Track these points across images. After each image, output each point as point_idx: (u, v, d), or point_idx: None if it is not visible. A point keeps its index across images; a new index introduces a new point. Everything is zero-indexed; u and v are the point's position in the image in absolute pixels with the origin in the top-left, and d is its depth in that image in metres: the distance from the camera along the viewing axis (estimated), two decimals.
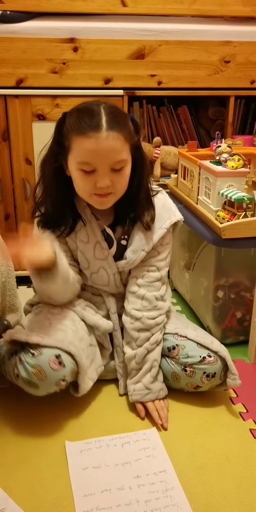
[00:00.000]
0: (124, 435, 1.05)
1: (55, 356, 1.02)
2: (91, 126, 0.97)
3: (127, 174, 1.05)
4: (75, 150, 1.01)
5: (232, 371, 1.13)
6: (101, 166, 1.00)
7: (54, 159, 1.06)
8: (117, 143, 0.99)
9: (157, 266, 1.16)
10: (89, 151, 0.98)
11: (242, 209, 1.28)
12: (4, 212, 1.75)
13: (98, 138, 0.97)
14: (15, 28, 1.61)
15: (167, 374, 1.16)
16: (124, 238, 1.17)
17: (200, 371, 1.11)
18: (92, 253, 1.15)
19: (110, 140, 0.98)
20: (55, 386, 1.04)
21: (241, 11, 1.78)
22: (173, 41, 1.70)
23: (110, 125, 0.98)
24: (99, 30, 1.65)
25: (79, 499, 0.90)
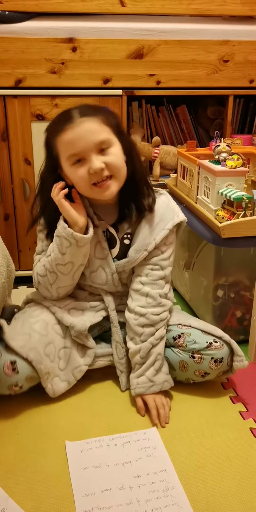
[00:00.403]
0: (124, 435, 1.05)
1: (10, 362, 1.07)
2: (65, 121, 1.04)
3: (117, 153, 1.07)
4: (61, 150, 1.06)
5: (238, 353, 1.15)
6: (86, 150, 1.04)
7: (52, 171, 1.11)
8: (92, 125, 1.04)
9: (160, 265, 1.17)
10: (70, 142, 1.04)
11: (241, 208, 1.28)
12: (3, 212, 1.75)
13: (73, 127, 1.03)
14: (14, 28, 1.61)
15: (175, 364, 1.16)
16: (127, 238, 1.18)
17: (208, 357, 1.12)
18: (92, 252, 1.17)
19: (85, 123, 1.03)
20: (7, 390, 1.08)
21: (240, 10, 1.78)
22: (172, 41, 1.70)
23: (81, 114, 1.04)
24: (97, 30, 1.65)
25: (80, 498, 0.90)
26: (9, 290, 1.41)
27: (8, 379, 1.07)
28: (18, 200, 1.75)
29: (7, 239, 1.72)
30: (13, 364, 1.07)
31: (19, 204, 1.75)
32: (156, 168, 1.90)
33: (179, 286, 1.72)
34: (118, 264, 1.18)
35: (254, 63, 1.78)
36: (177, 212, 1.18)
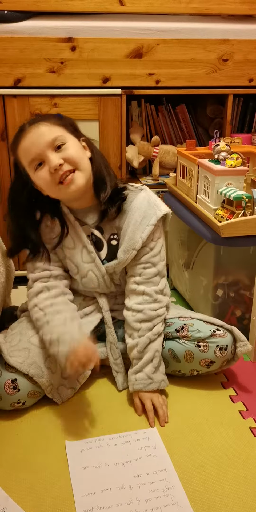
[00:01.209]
0: (124, 434, 1.05)
1: (11, 381, 1.08)
2: (18, 134, 1.09)
3: (73, 146, 1.09)
4: (22, 160, 1.09)
5: (240, 339, 1.17)
6: (41, 152, 1.06)
7: (23, 188, 1.13)
8: (42, 128, 1.07)
9: (152, 262, 1.17)
10: (25, 149, 1.07)
11: (241, 208, 1.28)
12: (2, 212, 1.75)
13: (25, 136, 1.07)
14: (13, 28, 1.61)
15: (180, 355, 1.16)
16: (114, 238, 1.19)
17: (213, 345, 1.14)
18: (80, 258, 1.17)
19: (34, 129, 1.07)
20: (10, 407, 1.09)
21: (239, 9, 1.78)
22: (171, 40, 1.70)
23: (31, 122, 1.09)
24: (96, 29, 1.65)
25: (80, 498, 0.90)
26: (9, 290, 1.41)
27: (10, 398, 1.08)
28: None
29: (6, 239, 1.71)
30: (14, 383, 1.07)
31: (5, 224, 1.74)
32: (156, 168, 1.90)
33: (179, 286, 1.72)
34: (108, 266, 1.18)
35: (254, 62, 1.78)
36: (159, 205, 1.17)
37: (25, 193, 1.14)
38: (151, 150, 1.90)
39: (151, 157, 1.91)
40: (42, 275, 1.17)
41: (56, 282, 1.17)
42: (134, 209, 1.15)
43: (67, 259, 1.18)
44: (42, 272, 1.17)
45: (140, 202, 1.15)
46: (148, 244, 1.16)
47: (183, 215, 1.51)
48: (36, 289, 1.16)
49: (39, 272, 1.17)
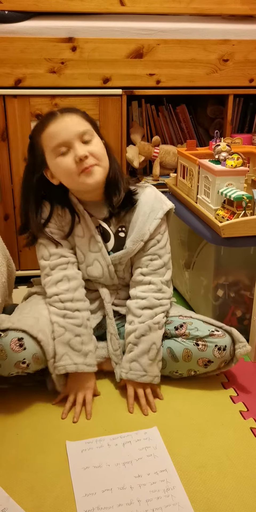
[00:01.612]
0: (125, 435, 1.06)
1: (17, 339, 1.07)
2: (48, 118, 1.12)
3: (99, 144, 1.14)
4: (46, 144, 1.12)
5: (239, 340, 1.17)
6: (70, 139, 1.09)
7: (35, 173, 1.15)
8: (74, 118, 1.11)
9: (158, 254, 1.21)
10: (54, 133, 1.10)
11: (241, 208, 1.28)
12: (3, 212, 1.75)
13: (56, 121, 1.11)
14: (13, 28, 1.61)
15: (178, 353, 1.17)
16: (121, 231, 1.22)
17: (212, 344, 1.14)
18: (87, 247, 1.20)
19: (66, 117, 1.11)
20: (15, 368, 1.08)
21: (240, 9, 1.78)
22: (172, 40, 1.70)
23: (63, 111, 1.13)
24: (97, 29, 1.65)
25: (80, 498, 0.90)
26: (10, 290, 1.41)
27: (15, 355, 1.06)
28: (18, 200, 1.73)
29: (7, 239, 1.71)
30: (21, 341, 1.07)
31: (19, 204, 1.74)
32: (156, 168, 1.90)
33: (179, 286, 1.72)
34: (115, 256, 1.21)
35: (254, 62, 1.78)
36: (165, 200, 1.23)
37: (34, 180, 1.16)
38: (151, 150, 1.90)
39: (151, 157, 1.91)
40: (60, 262, 1.19)
41: (74, 271, 1.20)
42: (143, 202, 1.20)
43: (76, 247, 1.21)
44: (60, 258, 1.19)
45: (148, 196, 1.21)
46: (155, 236, 1.20)
47: (184, 215, 1.51)
48: (56, 278, 1.18)
49: (57, 258, 1.19)
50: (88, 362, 1.14)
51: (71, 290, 1.17)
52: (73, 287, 1.17)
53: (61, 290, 1.16)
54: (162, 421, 1.10)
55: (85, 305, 1.19)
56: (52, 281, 1.18)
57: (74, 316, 1.15)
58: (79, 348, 1.13)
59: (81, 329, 1.15)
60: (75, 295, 1.17)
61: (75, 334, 1.14)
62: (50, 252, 1.19)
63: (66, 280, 1.18)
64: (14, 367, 1.08)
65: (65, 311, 1.15)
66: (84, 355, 1.14)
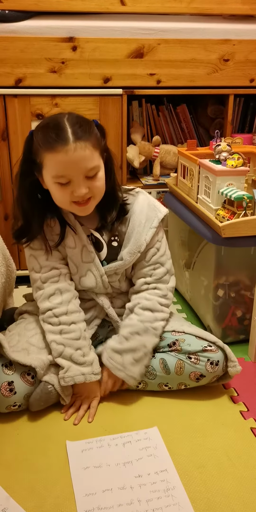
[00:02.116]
0: (125, 435, 1.06)
1: (8, 383, 1.08)
2: (58, 140, 1.00)
3: (101, 178, 1.08)
4: (47, 165, 1.03)
5: (231, 359, 1.15)
6: (75, 176, 1.03)
7: (27, 176, 1.08)
8: (86, 152, 1.02)
9: (160, 262, 1.20)
10: (61, 165, 1.01)
11: (242, 208, 1.28)
12: (3, 212, 1.75)
13: (67, 151, 1.00)
14: (14, 28, 1.61)
15: (171, 366, 1.15)
16: (114, 240, 1.19)
17: (205, 358, 1.13)
18: (79, 257, 1.17)
19: (79, 150, 1.00)
20: (6, 409, 1.09)
21: (240, 9, 1.78)
22: (172, 40, 1.70)
23: (76, 136, 1.01)
24: (98, 29, 1.65)
25: (81, 498, 0.90)
26: (10, 289, 1.41)
27: (6, 400, 1.08)
28: None
29: (7, 239, 1.71)
30: (11, 385, 1.07)
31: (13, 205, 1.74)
32: (156, 168, 1.90)
33: (179, 286, 1.72)
34: (110, 267, 1.18)
35: (255, 62, 1.78)
36: (158, 207, 1.20)
37: (27, 183, 1.09)
38: (152, 150, 1.90)
39: (152, 157, 1.91)
40: (52, 274, 1.15)
41: (67, 283, 1.17)
42: (137, 212, 1.17)
43: (68, 258, 1.18)
44: (51, 271, 1.16)
45: (142, 204, 1.18)
46: (154, 245, 1.18)
47: (184, 215, 1.51)
48: (48, 292, 1.15)
49: (48, 271, 1.15)
50: (95, 371, 1.13)
51: (64, 303, 1.14)
52: (66, 300, 1.14)
53: (55, 304, 1.13)
54: (163, 421, 1.10)
55: (80, 317, 1.16)
56: (44, 295, 1.15)
57: (70, 330, 1.12)
58: (82, 361, 1.11)
59: (80, 342, 1.12)
60: (69, 308, 1.14)
61: (76, 348, 1.11)
62: (41, 264, 1.15)
63: (59, 293, 1.15)
64: (5, 409, 1.09)
65: (61, 326, 1.12)
66: (89, 365, 1.12)
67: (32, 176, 1.08)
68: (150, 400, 1.17)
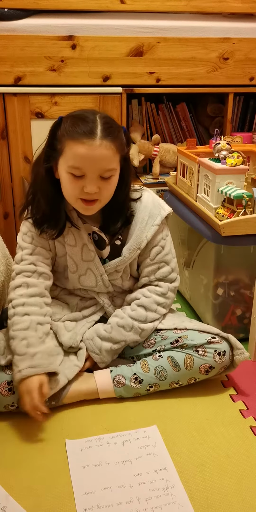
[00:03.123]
0: (124, 433, 1.05)
1: (7, 382, 1.07)
2: (86, 132, 1.00)
3: (114, 183, 1.08)
4: (67, 153, 1.02)
5: (237, 347, 1.16)
6: (91, 172, 1.02)
7: (47, 161, 1.07)
8: (109, 152, 1.01)
9: (165, 261, 1.20)
10: (81, 157, 1.00)
11: (241, 206, 1.28)
12: (3, 211, 1.75)
13: (92, 145, 1.00)
14: (13, 26, 1.61)
15: (180, 362, 1.14)
16: (118, 238, 1.18)
17: (212, 350, 1.14)
18: (79, 256, 1.17)
19: (103, 148, 1.00)
20: (3, 408, 1.08)
21: (240, 7, 1.78)
22: (172, 38, 1.70)
23: (104, 134, 1.00)
24: (97, 27, 1.65)
25: (80, 497, 0.90)
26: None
27: (4, 399, 1.07)
28: (17, 198, 1.74)
29: (6, 237, 1.71)
30: (10, 384, 1.07)
31: (18, 202, 1.75)
32: (156, 166, 1.90)
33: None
34: (110, 264, 1.18)
35: (254, 60, 1.78)
36: (162, 205, 1.20)
37: (44, 169, 1.08)
38: (151, 148, 1.89)
39: (151, 155, 1.91)
40: (26, 269, 1.14)
41: (38, 281, 1.14)
42: (141, 208, 1.17)
43: (68, 256, 1.17)
44: (28, 265, 1.14)
45: (146, 201, 1.18)
46: (158, 243, 1.18)
47: (184, 214, 1.51)
48: (16, 283, 1.13)
49: (25, 264, 1.14)
50: (35, 364, 1.03)
51: (25, 296, 1.10)
52: (28, 293, 1.11)
53: (16, 296, 1.11)
54: (162, 420, 1.10)
55: (38, 311, 1.10)
56: (11, 287, 1.13)
57: (21, 320, 1.07)
58: (23, 351, 1.03)
59: (27, 332, 1.06)
60: (29, 301, 1.10)
61: (21, 338, 1.05)
62: (23, 257, 1.14)
63: (25, 287, 1.12)
64: (2, 408, 1.08)
65: (14, 318, 1.08)
66: (30, 358, 1.03)
67: (50, 161, 1.06)
68: (150, 399, 1.17)
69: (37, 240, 1.15)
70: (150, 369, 1.14)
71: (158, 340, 1.18)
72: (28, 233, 1.15)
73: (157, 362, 1.15)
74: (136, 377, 1.14)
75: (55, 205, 1.11)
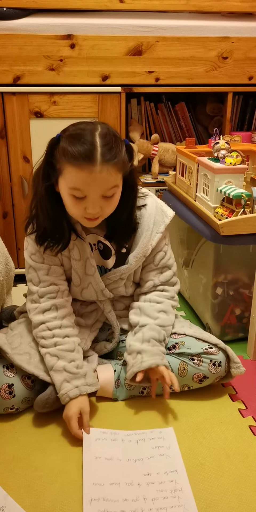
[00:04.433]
0: (140, 432, 1.05)
1: (8, 386, 1.07)
2: (85, 158, 0.95)
3: (117, 199, 1.06)
4: (67, 176, 0.99)
5: (234, 360, 1.15)
6: (93, 194, 1.00)
7: (46, 178, 1.04)
8: (111, 175, 0.99)
9: (168, 266, 1.21)
10: (81, 181, 0.98)
11: (240, 206, 1.28)
12: (2, 210, 1.75)
13: (92, 172, 0.96)
14: (12, 25, 1.60)
15: (175, 368, 1.15)
16: (124, 247, 1.18)
17: (207, 359, 1.13)
18: (83, 270, 1.16)
19: (104, 173, 0.97)
20: (3, 411, 1.08)
21: (239, 6, 1.78)
22: (171, 37, 1.70)
23: (104, 158, 0.96)
24: (96, 26, 1.64)
25: (89, 486, 0.90)
26: (8, 288, 1.41)
27: (4, 402, 1.07)
28: (16, 198, 1.74)
29: (5, 237, 1.71)
30: (10, 388, 1.07)
31: (17, 202, 1.75)
32: (155, 166, 1.90)
33: None
34: (115, 272, 1.17)
35: (254, 59, 1.78)
36: (165, 211, 1.20)
37: (43, 187, 1.05)
38: (150, 148, 1.89)
39: (150, 155, 1.90)
40: (49, 290, 1.13)
41: (64, 300, 1.15)
42: (146, 216, 1.16)
43: (73, 270, 1.16)
44: (50, 286, 1.13)
45: (150, 208, 1.17)
46: (162, 249, 1.19)
47: (183, 214, 1.51)
48: (44, 307, 1.12)
49: (46, 286, 1.13)
50: (88, 382, 1.07)
51: (59, 318, 1.12)
52: (61, 315, 1.13)
53: (49, 318, 1.12)
54: (161, 419, 1.10)
55: (74, 332, 1.13)
56: (39, 309, 1.12)
57: (64, 342, 1.10)
58: (75, 371, 1.07)
59: (74, 354, 1.09)
60: (63, 322, 1.12)
61: (69, 360, 1.08)
62: (41, 278, 1.13)
63: (55, 309, 1.13)
64: (2, 411, 1.08)
65: (55, 339, 1.10)
66: (83, 377, 1.07)
67: (50, 180, 1.04)
68: (149, 399, 1.17)
69: (48, 258, 1.13)
70: None
71: None
72: (36, 253, 1.13)
73: None
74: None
75: (57, 221, 1.08)
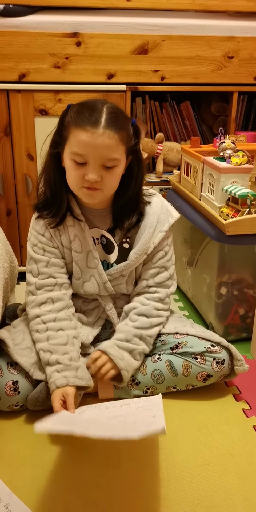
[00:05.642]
0: (126, 400, 1.05)
1: (12, 383, 1.07)
2: (90, 121, 1.00)
3: (117, 174, 1.07)
4: (71, 140, 1.03)
5: (237, 358, 1.15)
6: (92, 160, 1.02)
7: (54, 146, 1.08)
8: (112, 142, 1.01)
9: (165, 267, 1.19)
10: (83, 144, 1.01)
11: (246, 206, 1.28)
12: (6, 207, 1.74)
13: (94, 133, 1.00)
14: (18, 22, 1.60)
15: (178, 367, 1.14)
16: (126, 241, 1.18)
17: (210, 358, 1.13)
18: (85, 263, 1.16)
19: (106, 137, 1.00)
20: (7, 408, 1.08)
21: (245, 6, 1.77)
22: (177, 36, 1.69)
23: (108, 124, 1.01)
24: (102, 24, 1.64)
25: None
26: (12, 285, 1.41)
27: (9, 399, 1.07)
28: (20, 195, 1.74)
29: (9, 234, 1.71)
30: (15, 385, 1.07)
31: (21, 199, 1.74)
32: (159, 165, 1.89)
33: (181, 283, 1.72)
34: (115, 268, 1.16)
35: None
36: (171, 212, 1.19)
37: (50, 154, 1.10)
38: (155, 147, 1.89)
39: (155, 154, 1.90)
40: (47, 283, 1.14)
41: (61, 293, 1.15)
42: (150, 213, 1.16)
43: (74, 263, 1.16)
44: (48, 279, 1.14)
45: (155, 206, 1.17)
46: (163, 248, 1.18)
47: (187, 213, 1.50)
48: (40, 299, 1.13)
49: (45, 278, 1.14)
50: (78, 375, 1.06)
51: (54, 311, 1.12)
52: (56, 308, 1.12)
53: (44, 311, 1.12)
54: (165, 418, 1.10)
55: (70, 325, 1.13)
56: (35, 302, 1.13)
57: (57, 336, 1.09)
58: (67, 363, 1.06)
59: (67, 347, 1.08)
60: (59, 315, 1.12)
61: (62, 353, 1.07)
62: (40, 270, 1.14)
63: (51, 302, 1.13)
64: (7, 408, 1.08)
65: (48, 333, 1.09)
66: (74, 370, 1.06)
67: (57, 148, 1.08)
68: None
69: (49, 250, 1.14)
70: (148, 371, 1.15)
71: (158, 345, 1.18)
72: (38, 244, 1.14)
73: (155, 365, 1.15)
74: (133, 379, 1.14)
75: (57, 191, 1.11)
